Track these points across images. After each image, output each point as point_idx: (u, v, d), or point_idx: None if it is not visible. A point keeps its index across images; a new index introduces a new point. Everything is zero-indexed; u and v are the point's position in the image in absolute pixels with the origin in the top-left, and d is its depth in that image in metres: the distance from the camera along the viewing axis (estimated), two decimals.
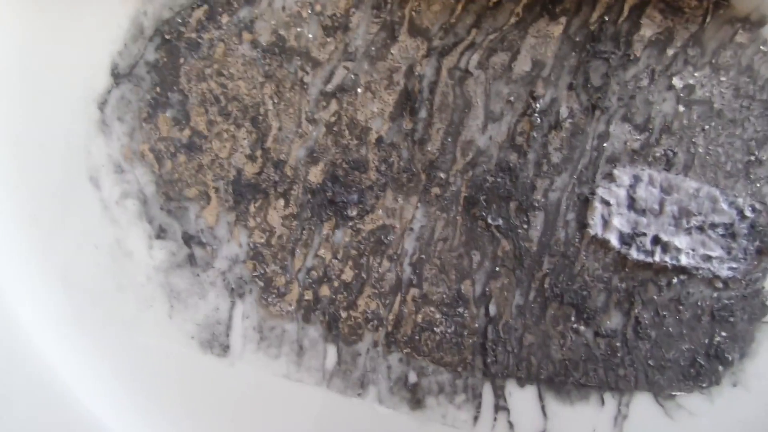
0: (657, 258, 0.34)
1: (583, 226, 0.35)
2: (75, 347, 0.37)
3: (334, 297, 0.36)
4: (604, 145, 0.34)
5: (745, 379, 0.35)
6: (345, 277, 0.36)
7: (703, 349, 0.35)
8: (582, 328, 0.35)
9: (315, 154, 0.35)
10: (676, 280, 0.35)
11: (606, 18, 0.33)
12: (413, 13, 0.34)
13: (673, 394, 0.35)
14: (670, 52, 0.33)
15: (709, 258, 0.34)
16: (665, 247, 0.34)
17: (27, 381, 0.36)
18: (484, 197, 0.35)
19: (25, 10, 0.35)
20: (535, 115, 0.34)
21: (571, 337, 0.35)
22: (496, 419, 0.36)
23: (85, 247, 0.37)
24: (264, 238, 0.36)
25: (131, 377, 0.37)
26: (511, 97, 0.34)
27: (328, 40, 0.35)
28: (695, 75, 0.33)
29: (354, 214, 0.36)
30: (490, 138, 0.35)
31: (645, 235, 0.34)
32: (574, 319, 0.35)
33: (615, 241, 0.34)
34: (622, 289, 0.35)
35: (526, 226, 0.35)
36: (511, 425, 0.36)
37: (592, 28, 0.33)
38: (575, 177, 0.34)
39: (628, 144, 0.34)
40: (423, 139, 0.35)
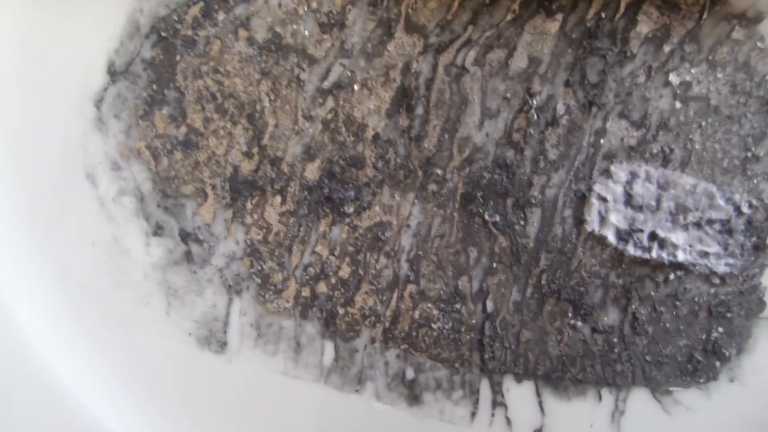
0: (654, 254, 0.34)
1: (580, 222, 0.35)
2: (72, 345, 0.37)
3: (332, 293, 0.36)
4: (601, 141, 0.34)
5: (742, 374, 0.35)
6: (342, 273, 0.36)
7: (700, 345, 0.35)
8: (579, 324, 0.35)
9: (312, 151, 0.35)
10: (673, 276, 0.35)
11: (602, 14, 0.33)
12: (409, 9, 0.34)
13: (671, 389, 0.35)
14: (667, 48, 0.33)
15: (706, 254, 0.34)
16: (662, 244, 0.34)
17: (24, 379, 0.36)
18: (481, 194, 0.35)
19: (21, 8, 0.35)
20: (532, 111, 0.34)
21: (568, 333, 0.35)
22: (493, 415, 0.36)
23: (82, 245, 0.37)
24: (261, 235, 0.36)
25: (129, 374, 0.37)
26: (508, 94, 0.34)
27: (325, 37, 0.34)
28: (692, 71, 0.33)
29: (351, 210, 0.36)
30: (487, 135, 0.35)
31: (642, 231, 0.34)
32: (571, 315, 0.35)
33: (612, 238, 0.34)
34: (619, 285, 0.35)
35: (523, 223, 0.35)
36: (508, 421, 0.36)
37: (589, 24, 0.33)
38: (572, 173, 0.34)
39: (625, 140, 0.34)
40: (420, 135, 0.35)
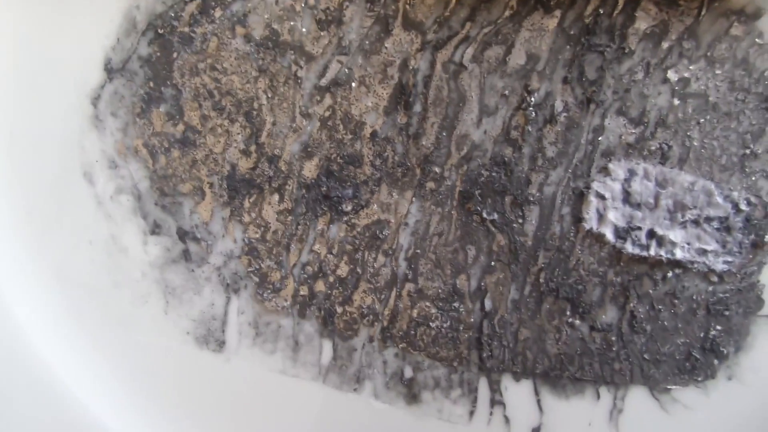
0: (652, 252, 0.34)
1: (578, 220, 0.35)
2: (70, 343, 0.37)
3: (330, 292, 0.36)
4: (599, 138, 0.34)
5: (740, 372, 0.35)
6: (340, 272, 0.36)
7: (698, 343, 0.35)
8: (577, 322, 0.35)
9: (309, 149, 0.35)
10: (671, 274, 0.35)
11: (601, 11, 0.33)
12: (407, 6, 0.34)
13: (669, 387, 0.35)
14: (665, 45, 0.33)
15: (704, 252, 0.34)
16: (660, 241, 0.34)
17: (22, 378, 0.36)
18: (479, 192, 0.35)
19: (17, 5, 0.35)
20: (530, 108, 0.34)
21: (566, 331, 0.35)
22: (491, 414, 0.36)
23: (79, 244, 0.37)
24: (259, 234, 0.36)
25: (127, 373, 0.37)
26: (506, 91, 0.34)
27: (322, 34, 0.34)
28: (690, 68, 0.33)
29: (349, 209, 0.36)
30: (485, 132, 0.34)
31: (640, 229, 0.34)
32: (569, 313, 0.35)
33: (610, 235, 0.34)
34: (618, 283, 0.35)
35: (521, 221, 0.35)
36: (507, 420, 0.36)
37: (587, 21, 0.33)
38: (570, 171, 0.34)
39: (623, 138, 0.34)
40: (417, 133, 0.35)
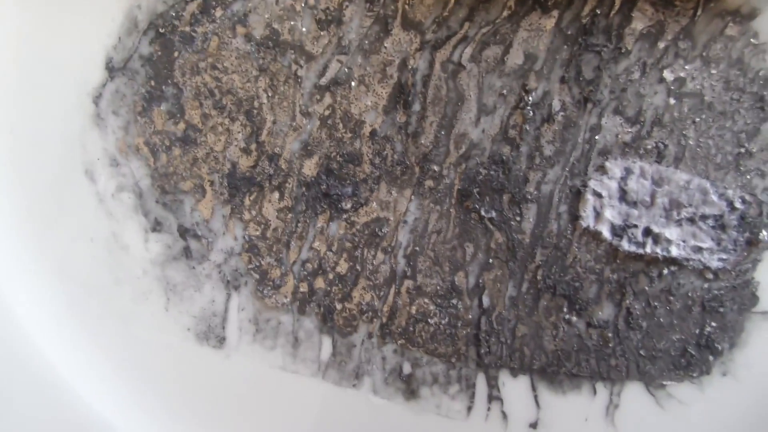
0: (648, 249, 0.34)
1: (575, 218, 0.35)
2: (71, 340, 0.37)
3: (329, 289, 0.36)
4: (596, 137, 0.34)
5: (734, 368, 0.35)
6: (340, 269, 0.36)
7: (693, 339, 0.35)
8: (574, 318, 0.36)
9: (309, 148, 0.36)
10: (666, 271, 0.35)
11: (598, 11, 0.33)
12: (406, 6, 0.34)
13: (664, 383, 0.36)
14: (662, 45, 0.33)
15: (699, 249, 0.34)
16: (656, 239, 0.34)
17: (24, 375, 0.36)
18: (478, 190, 0.35)
19: (19, 5, 0.35)
20: (528, 108, 0.34)
21: (563, 327, 0.36)
22: (489, 409, 0.36)
23: (81, 241, 0.37)
24: (259, 231, 0.36)
25: (128, 370, 0.37)
26: (504, 91, 0.34)
27: (322, 33, 0.35)
28: (686, 68, 0.33)
29: (348, 206, 0.36)
30: (483, 131, 0.35)
31: (636, 226, 0.34)
32: (566, 310, 0.36)
33: (607, 233, 0.35)
34: (614, 281, 0.35)
35: (518, 219, 0.35)
36: (504, 415, 0.36)
37: (584, 21, 0.33)
38: (567, 169, 0.35)
39: (620, 136, 0.34)
40: (416, 132, 0.35)
